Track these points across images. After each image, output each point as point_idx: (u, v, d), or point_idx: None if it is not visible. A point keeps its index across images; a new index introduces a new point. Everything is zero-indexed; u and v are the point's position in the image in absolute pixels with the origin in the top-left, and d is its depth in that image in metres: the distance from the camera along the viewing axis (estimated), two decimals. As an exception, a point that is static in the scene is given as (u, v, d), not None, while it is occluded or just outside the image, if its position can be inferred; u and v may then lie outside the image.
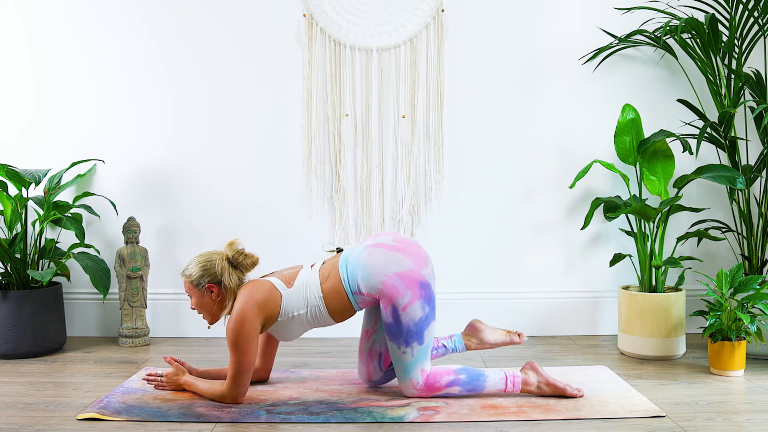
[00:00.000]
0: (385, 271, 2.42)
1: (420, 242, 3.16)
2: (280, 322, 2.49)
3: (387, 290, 2.41)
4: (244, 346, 2.40)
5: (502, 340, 2.72)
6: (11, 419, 2.35)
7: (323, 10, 3.40)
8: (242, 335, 2.40)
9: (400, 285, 2.41)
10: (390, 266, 2.42)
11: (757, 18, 3.08)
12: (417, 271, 2.43)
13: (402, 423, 2.30)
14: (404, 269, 2.42)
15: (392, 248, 2.46)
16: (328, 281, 2.47)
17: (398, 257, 2.44)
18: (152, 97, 3.47)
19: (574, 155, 3.45)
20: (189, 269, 2.53)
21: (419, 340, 2.44)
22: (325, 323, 2.52)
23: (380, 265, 2.43)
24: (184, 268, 2.54)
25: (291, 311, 2.47)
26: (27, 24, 3.46)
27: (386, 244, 2.48)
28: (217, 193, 3.48)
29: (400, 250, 2.46)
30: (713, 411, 2.40)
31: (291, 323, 2.50)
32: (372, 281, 2.42)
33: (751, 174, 3.15)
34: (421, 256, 2.48)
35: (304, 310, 2.48)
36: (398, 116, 3.42)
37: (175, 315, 3.49)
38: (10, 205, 3.24)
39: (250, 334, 2.41)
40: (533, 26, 3.44)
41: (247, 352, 2.41)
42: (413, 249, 2.48)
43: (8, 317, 3.08)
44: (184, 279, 2.55)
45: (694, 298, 3.37)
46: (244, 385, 2.45)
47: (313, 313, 2.48)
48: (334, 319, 2.51)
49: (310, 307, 2.47)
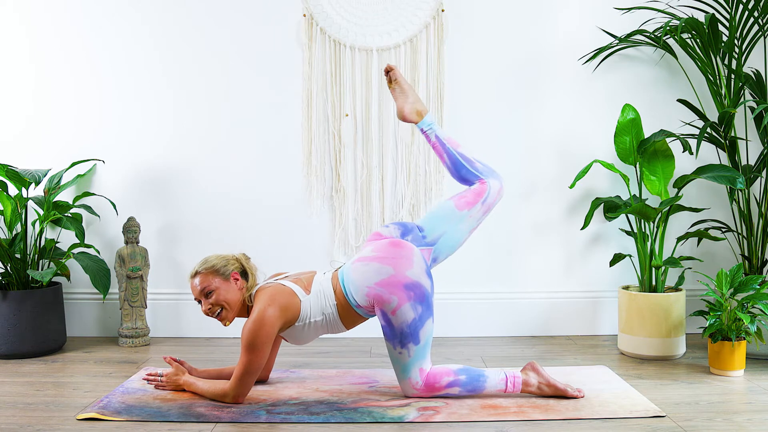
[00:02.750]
0: (366, 283, 2.45)
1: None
2: (296, 327, 2.49)
3: (373, 299, 2.45)
4: (258, 349, 2.40)
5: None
6: (11, 419, 2.35)
7: (323, 10, 3.40)
8: (260, 338, 2.39)
9: (383, 292, 2.42)
10: (370, 278, 2.45)
11: (757, 18, 3.08)
12: (400, 274, 2.43)
13: (402, 423, 2.30)
14: (385, 277, 2.43)
15: (371, 259, 2.47)
16: (337, 293, 2.50)
17: (377, 267, 2.45)
18: (152, 97, 3.47)
19: (574, 155, 3.45)
20: (209, 261, 2.52)
21: (414, 340, 2.44)
22: (337, 329, 2.55)
23: (361, 279, 2.46)
24: (199, 265, 2.52)
25: (309, 317, 2.49)
26: (27, 24, 3.46)
27: (366, 256, 2.50)
28: (217, 193, 3.48)
29: (379, 259, 2.46)
30: (713, 411, 2.40)
31: (307, 329, 2.51)
32: (360, 294, 2.46)
33: (751, 174, 3.15)
34: (404, 258, 2.47)
35: (321, 317, 2.49)
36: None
37: (175, 315, 3.49)
38: (10, 205, 3.24)
39: (267, 337, 2.41)
40: (533, 26, 3.44)
41: (261, 354, 2.41)
42: (394, 253, 2.47)
43: (8, 317, 3.08)
44: (202, 275, 2.50)
45: (694, 298, 3.37)
46: (248, 386, 2.45)
47: (328, 320, 2.51)
48: (346, 326, 2.54)
49: (326, 314, 2.50)
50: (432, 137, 2.67)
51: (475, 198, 2.59)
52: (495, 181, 2.63)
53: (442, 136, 2.66)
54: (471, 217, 2.59)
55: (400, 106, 2.70)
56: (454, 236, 2.58)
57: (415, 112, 2.68)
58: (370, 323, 3.24)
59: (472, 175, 2.63)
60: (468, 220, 2.59)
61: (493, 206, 2.63)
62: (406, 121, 2.71)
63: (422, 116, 2.68)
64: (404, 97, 2.70)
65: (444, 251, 2.59)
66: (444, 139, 2.65)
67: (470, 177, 2.64)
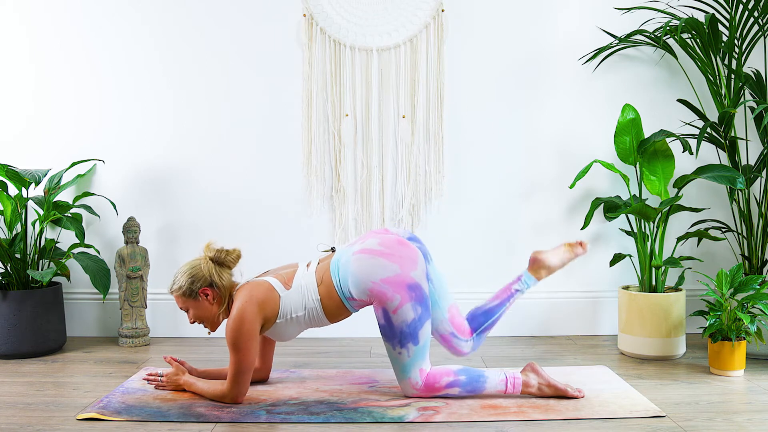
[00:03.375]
0: (371, 278, 2.43)
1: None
2: (278, 324, 2.49)
3: (375, 295, 2.43)
4: (244, 346, 2.40)
5: (569, 258, 2.70)
6: (11, 419, 2.35)
7: (323, 10, 3.40)
8: (242, 335, 2.40)
9: (387, 290, 2.41)
10: (376, 273, 2.43)
11: (757, 18, 3.08)
12: (405, 274, 2.43)
13: (402, 423, 2.30)
14: (391, 274, 2.42)
15: (378, 253, 2.46)
16: (323, 285, 2.48)
17: (383, 263, 2.44)
18: (152, 97, 3.47)
19: (574, 155, 3.45)
20: (177, 282, 2.51)
21: (414, 340, 2.44)
22: (321, 324, 2.53)
23: (366, 272, 2.43)
24: (172, 284, 2.53)
25: (289, 313, 2.47)
26: (27, 24, 3.46)
27: (372, 249, 2.47)
28: (217, 192, 3.48)
29: (386, 255, 2.45)
30: (713, 411, 2.40)
31: (289, 325, 2.50)
32: (360, 288, 2.44)
33: (751, 174, 3.15)
34: (409, 258, 2.46)
35: (302, 312, 2.48)
36: (398, 116, 3.42)
37: (175, 315, 3.49)
38: (10, 205, 3.24)
39: (250, 334, 2.41)
40: (533, 26, 3.44)
41: (248, 352, 2.41)
42: (401, 252, 2.47)
43: (8, 317, 3.08)
44: (175, 295, 2.52)
45: (694, 298, 3.37)
46: (245, 385, 2.45)
47: (311, 315, 2.49)
48: (329, 320, 2.52)
49: (307, 309, 2.48)
50: (515, 288, 2.68)
51: (458, 328, 2.63)
52: (469, 348, 2.65)
53: (515, 299, 2.70)
54: (441, 321, 2.60)
55: (552, 256, 2.69)
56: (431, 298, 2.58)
57: (547, 271, 2.69)
58: (370, 323, 3.24)
59: (476, 327, 2.65)
60: (439, 316, 2.60)
61: (444, 345, 2.65)
62: (537, 262, 2.69)
63: (539, 278, 2.70)
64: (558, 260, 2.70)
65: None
66: (513, 300, 2.69)
67: (473, 326, 2.66)
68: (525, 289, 2.68)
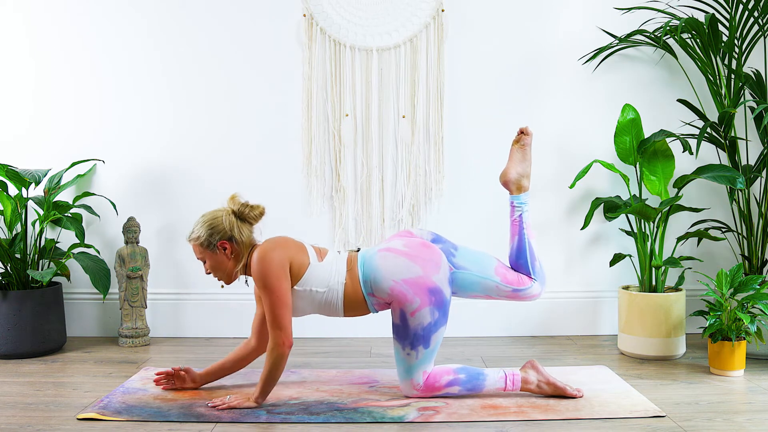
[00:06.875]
0: (393, 277, 2.41)
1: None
2: (296, 290, 2.42)
3: (395, 295, 2.41)
4: (274, 283, 2.33)
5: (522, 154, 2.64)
6: (11, 419, 2.35)
7: (323, 10, 3.40)
8: (271, 271, 2.34)
9: (408, 291, 2.40)
10: (398, 272, 2.41)
11: (757, 18, 3.08)
12: (427, 277, 2.42)
13: (402, 423, 2.30)
14: (413, 276, 2.41)
15: (402, 253, 2.44)
16: (350, 273, 2.45)
17: (407, 263, 2.42)
18: (152, 97, 3.47)
19: (574, 155, 3.46)
20: (195, 231, 2.45)
21: (425, 344, 2.43)
22: (334, 312, 2.48)
23: (388, 270, 2.42)
24: (191, 233, 2.46)
25: (311, 285, 2.43)
26: (27, 24, 3.47)
27: (396, 248, 2.47)
28: (217, 192, 3.46)
29: (410, 256, 2.44)
30: (713, 411, 2.40)
31: (304, 297, 2.44)
32: (381, 285, 2.42)
33: (751, 174, 3.15)
34: (432, 262, 2.45)
35: (324, 289, 2.43)
36: (398, 116, 3.42)
37: (175, 315, 3.49)
38: (10, 205, 3.24)
39: (279, 268, 2.34)
40: (533, 26, 3.44)
41: (280, 286, 2.34)
42: (425, 255, 2.46)
43: (8, 317, 3.08)
44: (192, 244, 2.47)
45: (694, 298, 3.37)
46: (287, 326, 2.36)
47: (329, 297, 2.44)
48: (345, 311, 2.48)
49: (330, 288, 2.44)
50: (516, 215, 2.64)
51: (515, 282, 2.56)
52: (539, 288, 2.59)
53: (526, 220, 2.64)
54: (496, 287, 2.54)
55: (509, 169, 2.65)
56: (470, 280, 2.52)
57: (519, 183, 2.65)
58: (370, 323, 3.25)
59: (526, 269, 2.59)
60: (491, 285, 2.54)
61: (517, 300, 2.60)
62: (506, 184, 2.66)
63: (521, 192, 2.65)
64: (519, 164, 2.65)
65: (455, 283, 2.52)
66: (526, 223, 2.63)
67: (524, 270, 2.60)
68: (524, 207, 2.64)
